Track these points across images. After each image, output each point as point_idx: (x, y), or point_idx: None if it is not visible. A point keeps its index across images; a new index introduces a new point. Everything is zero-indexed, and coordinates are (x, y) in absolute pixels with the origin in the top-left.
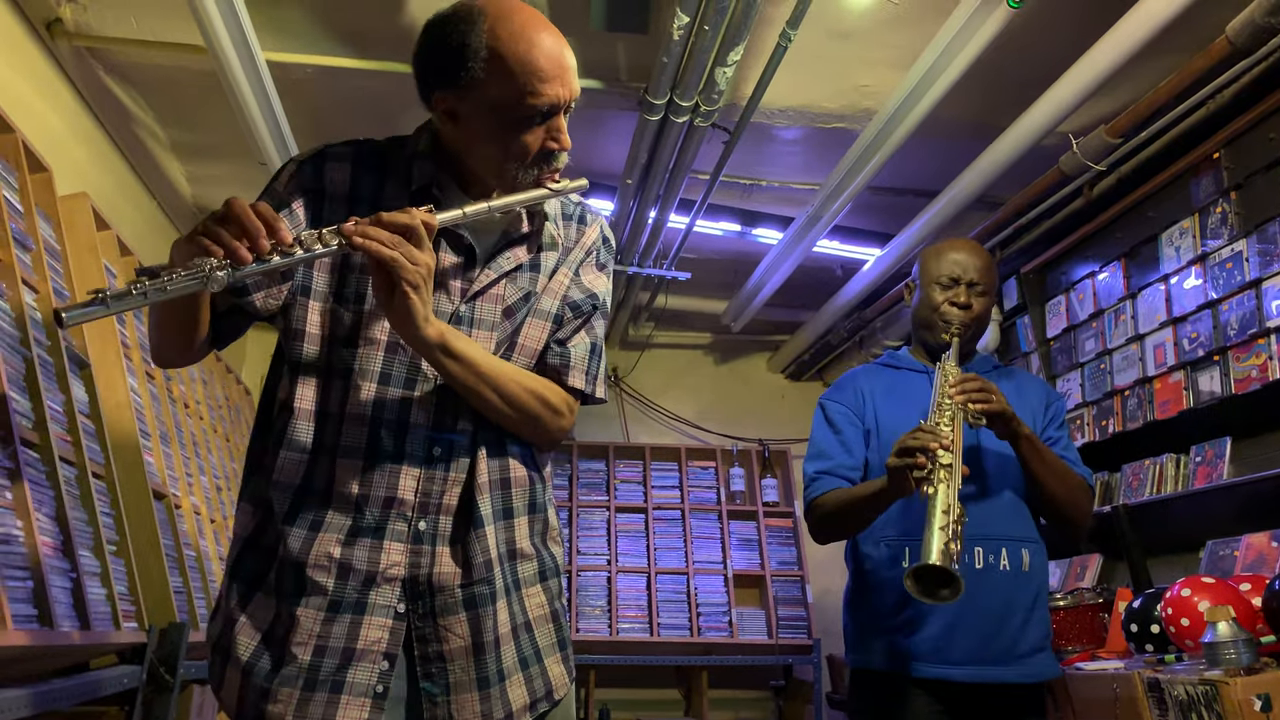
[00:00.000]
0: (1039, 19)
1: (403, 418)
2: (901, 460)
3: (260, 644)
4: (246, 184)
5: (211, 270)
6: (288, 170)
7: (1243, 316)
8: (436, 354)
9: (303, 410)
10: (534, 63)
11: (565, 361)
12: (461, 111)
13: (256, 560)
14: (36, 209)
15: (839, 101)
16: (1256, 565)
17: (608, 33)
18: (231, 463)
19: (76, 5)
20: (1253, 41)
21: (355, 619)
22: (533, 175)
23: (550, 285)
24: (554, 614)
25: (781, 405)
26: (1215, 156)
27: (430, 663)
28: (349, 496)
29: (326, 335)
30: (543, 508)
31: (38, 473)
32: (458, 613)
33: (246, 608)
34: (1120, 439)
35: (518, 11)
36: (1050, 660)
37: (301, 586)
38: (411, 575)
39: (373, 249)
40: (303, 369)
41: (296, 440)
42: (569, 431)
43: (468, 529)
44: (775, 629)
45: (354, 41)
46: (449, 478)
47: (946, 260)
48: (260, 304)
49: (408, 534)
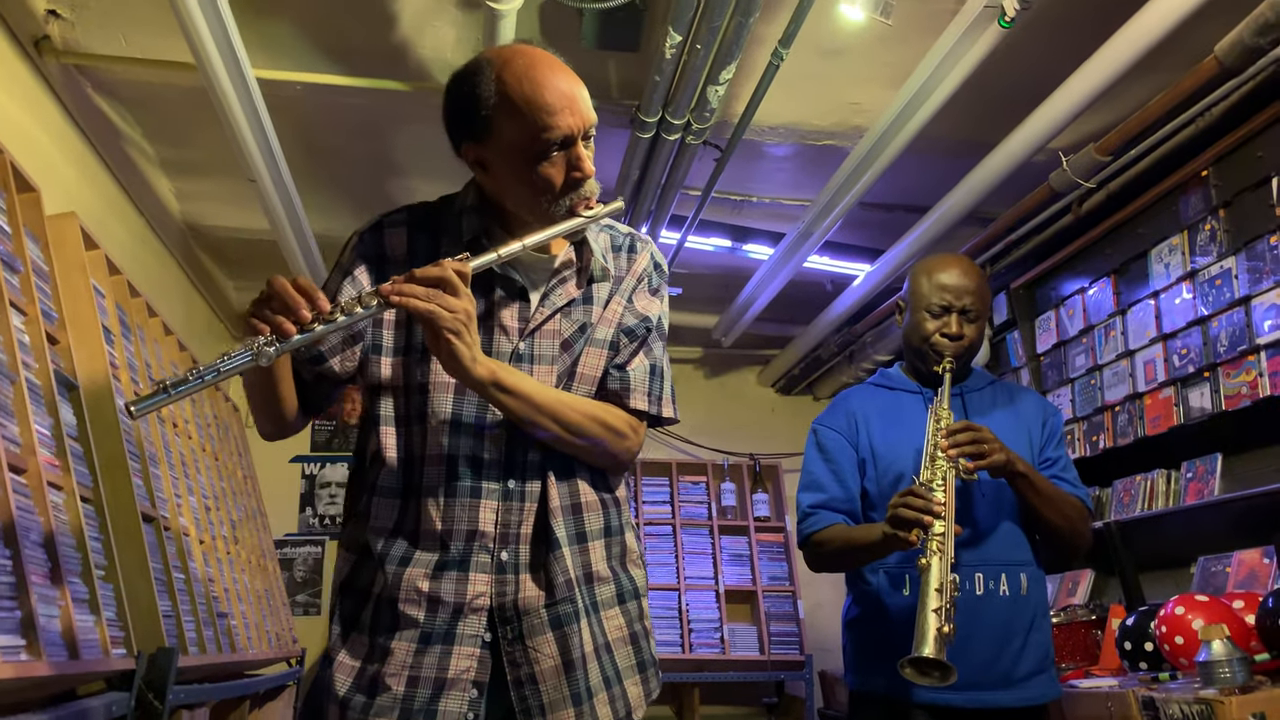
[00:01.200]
0: (1030, 38)
1: (477, 454)
2: (895, 530)
3: (355, 679)
4: (235, 200)
5: (260, 347)
6: (350, 244)
7: (1232, 333)
8: (491, 391)
9: (389, 457)
10: (540, 99)
11: (625, 385)
12: (488, 159)
13: (352, 602)
14: (24, 229)
15: (830, 119)
16: (1248, 582)
17: (599, 51)
18: (220, 481)
19: (65, 23)
20: (1241, 61)
21: (445, 649)
22: (565, 206)
23: (605, 315)
24: (633, 636)
25: (772, 419)
26: (1204, 174)
27: (523, 686)
28: (434, 533)
29: (400, 386)
30: (619, 530)
31: (25, 499)
32: (545, 632)
33: (344, 645)
34: (1111, 454)
35: (520, 55)
36: (1050, 683)
37: (395, 621)
38: (499, 604)
39: (409, 304)
40: (384, 420)
41: (386, 486)
42: (636, 452)
43: (546, 553)
44: (767, 645)
45: (344, 59)
46: (525, 507)
47: (937, 285)
48: (339, 368)
49: (491, 564)
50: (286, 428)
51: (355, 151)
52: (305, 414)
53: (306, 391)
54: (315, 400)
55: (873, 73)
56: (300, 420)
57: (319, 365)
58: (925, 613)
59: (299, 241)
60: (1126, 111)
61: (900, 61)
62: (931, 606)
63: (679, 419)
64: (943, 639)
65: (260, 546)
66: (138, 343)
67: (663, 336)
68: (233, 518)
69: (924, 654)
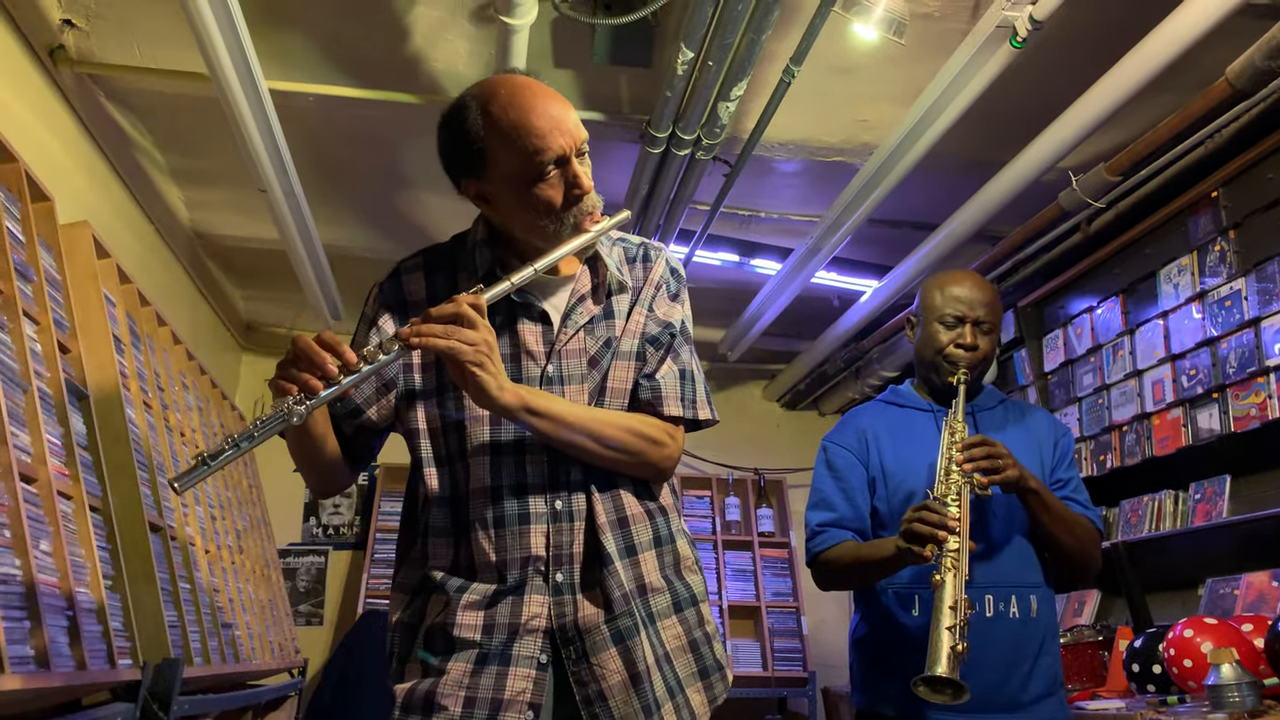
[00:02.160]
0: (1041, 58)
1: (520, 481)
2: (909, 545)
3: (409, 701)
4: (245, 210)
5: (291, 407)
6: (372, 295)
7: (1242, 354)
8: (523, 416)
9: (437, 498)
10: (526, 124)
11: (657, 394)
12: (488, 192)
13: (406, 637)
14: (38, 239)
15: (840, 136)
16: (1257, 605)
17: (611, 66)
18: (226, 491)
19: (79, 33)
20: (1253, 84)
21: (501, 670)
22: (570, 224)
23: (628, 327)
24: (693, 643)
25: (777, 434)
26: (1214, 195)
27: (593, 704)
28: (490, 564)
29: (439, 427)
30: (669, 539)
31: (36, 509)
32: (608, 648)
33: (400, 680)
34: (1118, 475)
35: (502, 85)
36: (1059, 706)
37: (450, 644)
38: (559, 624)
39: (429, 344)
40: (427, 462)
41: (438, 526)
42: (676, 459)
43: (600, 569)
44: (770, 661)
45: (356, 71)
46: (574, 526)
47: (950, 297)
48: (375, 416)
49: (547, 586)
50: (336, 483)
51: (365, 163)
52: (353, 467)
53: (350, 445)
54: (360, 452)
55: (883, 91)
56: (348, 474)
57: (357, 418)
58: (939, 630)
59: (308, 252)
60: (1137, 132)
61: (911, 80)
62: (945, 624)
63: (718, 419)
64: (956, 657)
65: (264, 556)
66: (147, 352)
67: (689, 340)
68: (238, 527)
69: (937, 673)
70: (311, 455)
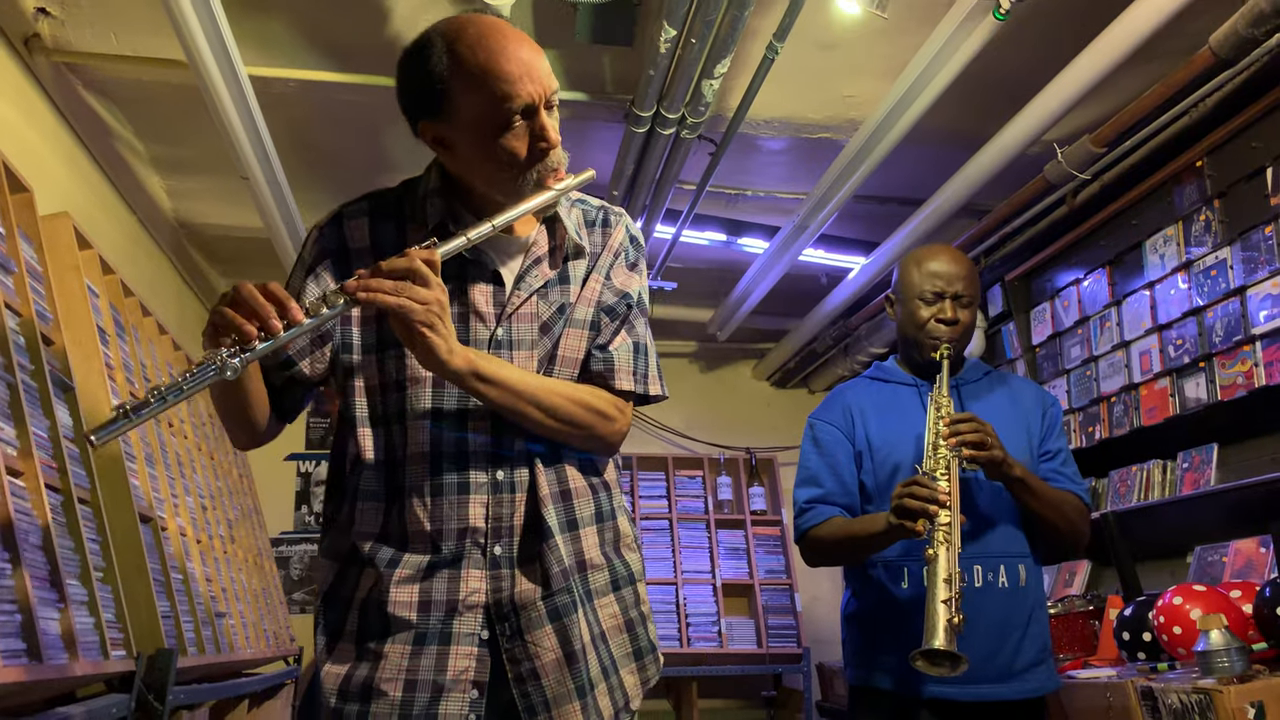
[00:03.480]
0: (1024, 30)
1: (461, 447)
2: (901, 520)
3: (344, 687)
4: (228, 198)
5: (225, 360)
6: (310, 238)
7: (1228, 323)
8: (470, 381)
9: (369, 460)
10: (496, 67)
11: (609, 365)
12: (448, 136)
13: (336, 612)
14: (18, 230)
15: (825, 112)
16: (1245, 571)
17: (594, 45)
18: (217, 480)
19: (54, 21)
20: (1235, 52)
21: (442, 650)
22: (533, 179)
23: (583, 294)
24: (629, 623)
25: (768, 413)
26: (1198, 165)
27: (525, 682)
28: (424, 533)
29: (376, 385)
30: (610, 515)
31: (24, 502)
32: (544, 625)
33: (330, 656)
34: (1107, 445)
35: (471, 24)
36: (1049, 674)
37: (385, 624)
38: (495, 600)
39: (377, 299)
40: (361, 421)
41: (369, 490)
42: (624, 434)
43: (539, 543)
44: (764, 638)
45: (337, 55)
46: (515, 498)
47: (928, 273)
48: (309, 370)
49: (485, 560)
50: (259, 437)
51: (348, 148)
52: (279, 420)
53: (278, 397)
54: (288, 405)
55: (868, 65)
56: (274, 427)
57: (288, 370)
58: (934, 604)
59: (292, 239)
60: (1121, 103)
61: (895, 54)
62: (941, 598)
63: (668, 395)
64: (953, 630)
65: (257, 545)
66: (132, 343)
67: (644, 313)
68: (229, 517)
69: (935, 646)
70: (239, 408)
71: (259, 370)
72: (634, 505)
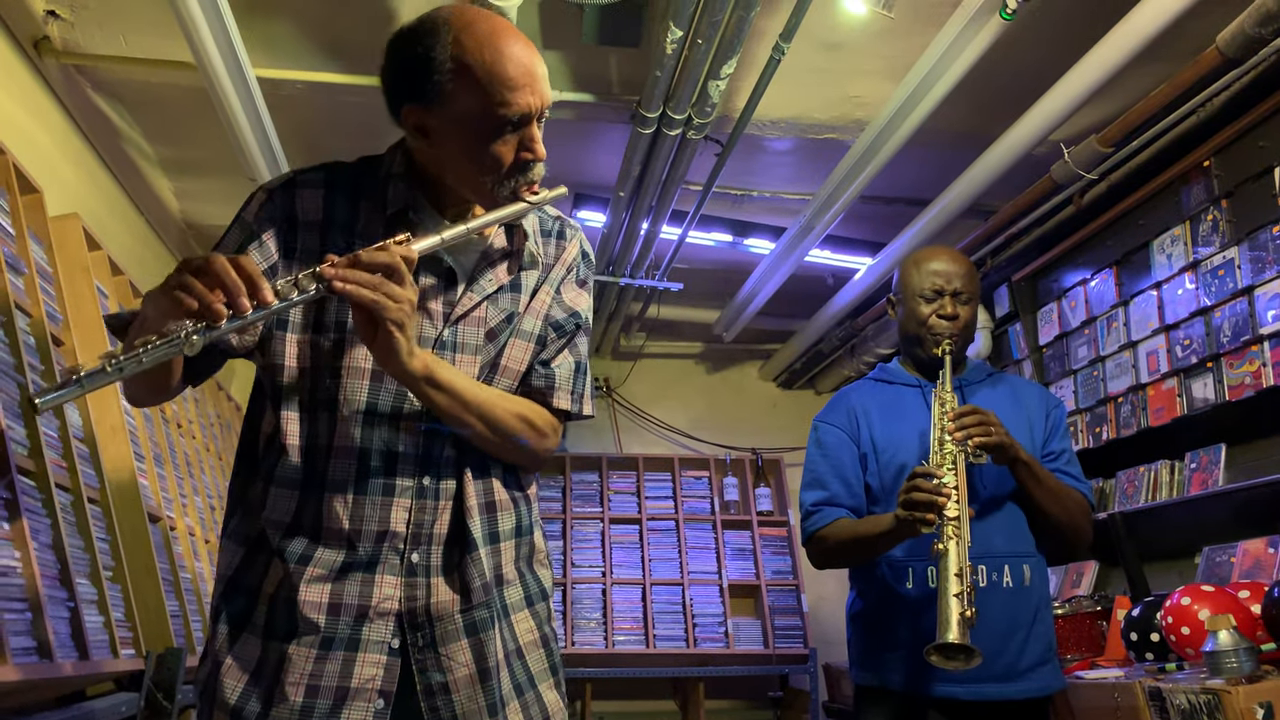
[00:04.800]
0: (1031, 30)
1: (391, 448)
2: (909, 513)
3: (248, 686)
4: (236, 199)
5: (187, 335)
6: (257, 199)
7: (1235, 323)
8: (422, 386)
9: (290, 445)
10: (502, 72)
11: (550, 383)
12: (431, 126)
13: (243, 600)
14: (28, 231)
15: (831, 113)
16: (1254, 572)
17: (600, 46)
18: (226, 481)
19: (64, 23)
20: (1243, 52)
21: (349, 656)
22: (509, 188)
23: (532, 305)
24: (544, 639)
25: (774, 414)
26: (1206, 164)
27: (434, 695)
28: (340, 531)
29: (308, 367)
30: (528, 530)
31: (34, 501)
32: (459, 639)
33: (233, 649)
34: (1114, 446)
35: (483, 20)
36: (1054, 673)
37: (293, 624)
38: (409, 608)
39: (354, 294)
40: (285, 403)
41: (285, 477)
42: (552, 452)
43: (461, 554)
44: (771, 639)
45: (344, 57)
46: (439, 505)
47: (927, 272)
48: (236, 342)
49: (401, 567)
50: (162, 396)
51: (355, 149)
52: (186, 383)
53: (193, 361)
54: (201, 368)
55: (874, 66)
56: (178, 389)
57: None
58: (946, 598)
59: None
60: (1128, 103)
61: (901, 54)
62: (953, 592)
63: (593, 414)
64: (966, 623)
65: None
66: None
67: (588, 332)
68: None
69: (949, 640)
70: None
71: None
72: (640, 506)
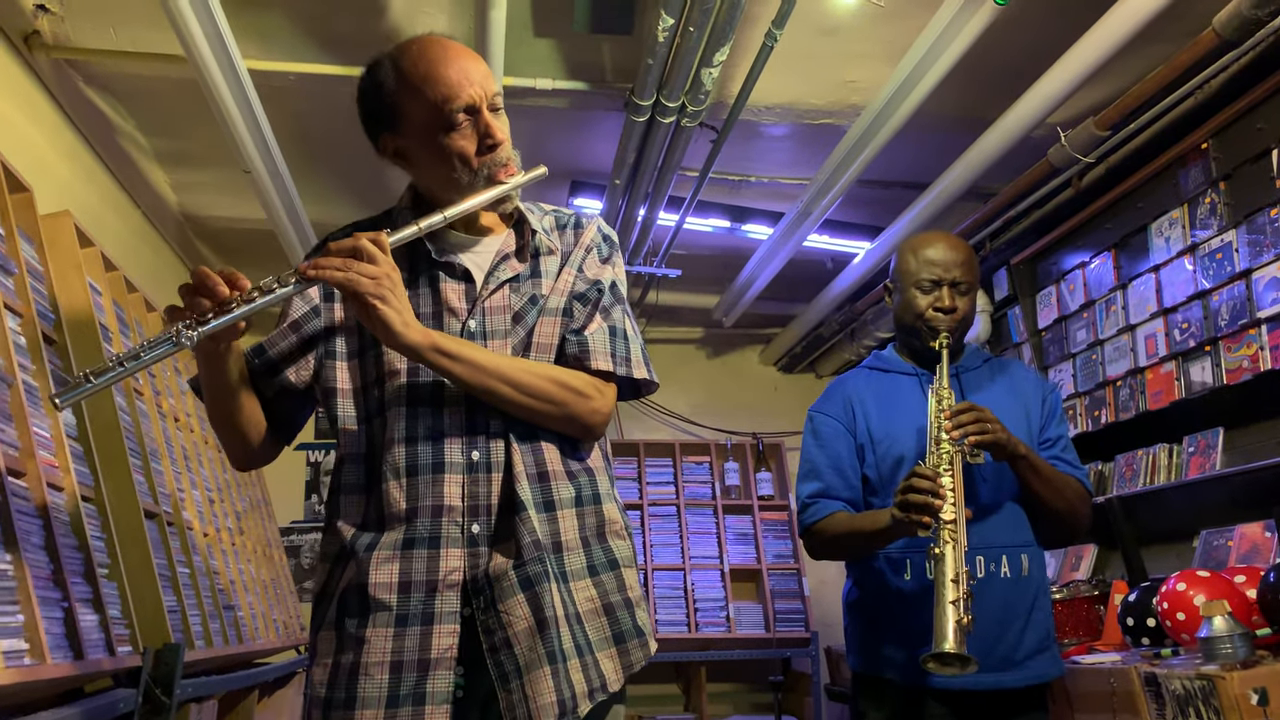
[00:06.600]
0: (1026, 12)
1: (437, 430)
2: (906, 515)
3: (330, 677)
4: (232, 190)
5: (180, 331)
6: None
7: (1233, 306)
8: (431, 355)
9: (351, 455)
10: (436, 74)
11: (584, 348)
12: (404, 147)
13: (322, 606)
14: (18, 230)
15: (826, 98)
16: (1250, 556)
17: (592, 34)
18: (224, 473)
19: (53, 17)
20: (1240, 33)
21: (425, 630)
22: (483, 176)
23: (556, 286)
24: (608, 607)
25: (774, 398)
26: (1204, 147)
27: (498, 651)
28: (399, 514)
29: (358, 385)
30: (593, 500)
31: (25, 502)
32: (516, 594)
33: (316, 650)
34: (1113, 429)
35: (414, 43)
36: (1052, 661)
37: (366, 608)
38: (472, 576)
39: (326, 276)
40: (346, 420)
41: (351, 484)
42: (605, 415)
43: (513, 518)
44: (772, 623)
45: (335, 48)
46: (490, 477)
47: (925, 260)
48: (294, 378)
49: (463, 539)
50: (255, 453)
51: (350, 139)
52: (275, 435)
53: (272, 410)
54: (283, 419)
55: (869, 50)
56: (272, 445)
57: (275, 376)
58: (943, 605)
59: (296, 230)
60: (1125, 85)
61: (896, 38)
62: (949, 599)
63: (658, 382)
64: (962, 631)
65: (265, 536)
66: (136, 338)
67: (621, 301)
68: (237, 509)
69: (945, 649)
70: (228, 413)
71: (244, 372)
72: (641, 491)
